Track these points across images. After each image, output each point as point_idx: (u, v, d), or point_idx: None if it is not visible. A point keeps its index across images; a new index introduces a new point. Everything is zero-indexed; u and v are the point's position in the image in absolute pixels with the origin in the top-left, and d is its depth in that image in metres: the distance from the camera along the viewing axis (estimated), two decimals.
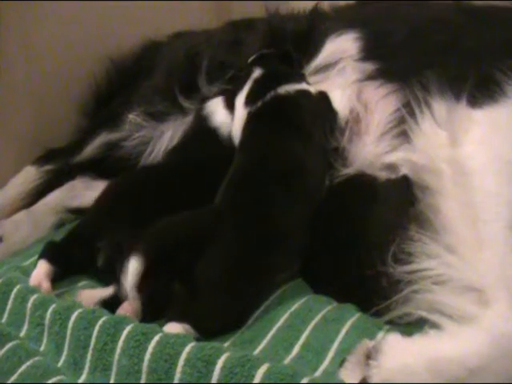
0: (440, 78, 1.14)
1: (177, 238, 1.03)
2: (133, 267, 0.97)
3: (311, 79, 1.36)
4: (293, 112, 1.25)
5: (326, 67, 1.38)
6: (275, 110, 1.25)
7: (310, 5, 1.60)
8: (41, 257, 1.15)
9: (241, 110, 1.28)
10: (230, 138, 1.30)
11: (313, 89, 1.31)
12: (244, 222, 1.05)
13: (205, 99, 1.47)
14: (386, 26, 1.36)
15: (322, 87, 1.33)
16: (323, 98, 1.30)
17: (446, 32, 1.28)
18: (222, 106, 1.35)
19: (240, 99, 1.30)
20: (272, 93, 1.25)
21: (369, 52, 1.33)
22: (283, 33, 1.52)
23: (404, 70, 1.24)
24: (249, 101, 1.28)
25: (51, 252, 1.16)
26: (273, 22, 1.58)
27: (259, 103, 1.26)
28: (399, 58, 1.28)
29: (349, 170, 1.21)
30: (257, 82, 1.31)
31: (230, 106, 1.33)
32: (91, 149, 1.56)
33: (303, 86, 1.29)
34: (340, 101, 1.29)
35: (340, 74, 1.35)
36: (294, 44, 1.45)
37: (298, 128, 1.22)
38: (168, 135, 1.50)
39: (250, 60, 1.38)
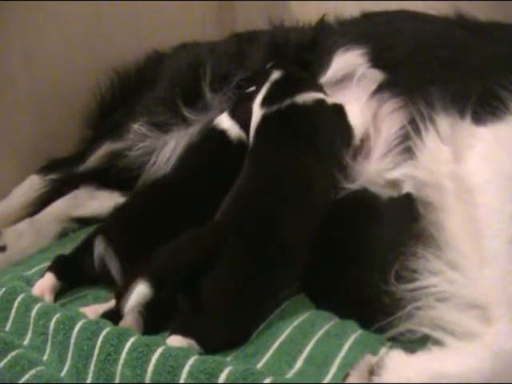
0: (444, 94, 1.15)
1: (182, 259, 1.03)
2: (138, 292, 0.96)
3: None
4: (307, 126, 1.24)
5: (337, 82, 1.38)
6: (289, 121, 1.24)
7: (314, 13, 1.61)
8: (49, 269, 1.16)
9: (257, 111, 1.28)
10: (237, 139, 1.31)
11: (330, 100, 1.30)
12: (248, 240, 1.05)
13: (208, 108, 1.48)
14: (390, 41, 1.37)
15: (338, 99, 1.33)
16: (340, 111, 1.30)
17: (449, 48, 1.28)
18: (228, 116, 1.36)
19: (257, 100, 1.29)
20: (289, 100, 1.25)
21: (375, 68, 1.34)
22: (287, 45, 1.52)
23: (409, 87, 1.25)
24: (265, 102, 1.27)
25: (59, 266, 1.16)
26: (277, 35, 1.59)
27: (275, 107, 1.25)
28: (404, 74, 1.29)
29: (352, 186, 1.21)
30: (275, 84, 1.30)
31: (236, 115, 1.34)
32: (95, 158, 1.56)
33: (321, 95, 1.29)
34: (357, 116, 1.29)
35: (352, 88, 1.35)
36: (297, 57, 1.46)
37: (311, 142, 1.22)
38: (171, 145, 1.51)
39: (269, 65, 1.38)
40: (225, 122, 1.35)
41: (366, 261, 1.06)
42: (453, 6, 1.43)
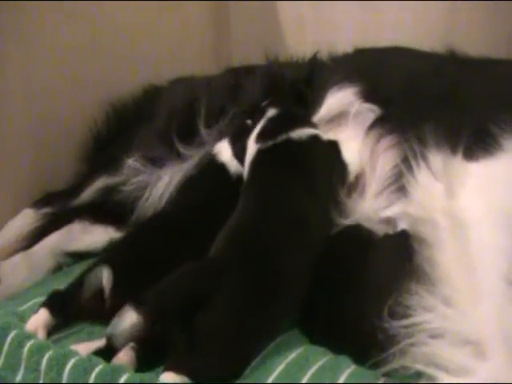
0: (436, 130, 1.16)
1: (178, 293, 1.03)
2: (128, 320, 0.97)
3: None
4: (302, 161, 1.25)
5: (331, 119, 1.40)
6: (285, 155, 1.25)
7: (309, 43, 1.63)
8: (43, 305, 1.15)
9: (252, 146, 1.29)
10: (236, 174, 1.32)
11: (324, 136, 1.31)
12: (245, 276, 1.04)
13: (202, 144, 1.49)
14: (382, 79, 1.39)
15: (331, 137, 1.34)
16: (335, 147, 1.31)
17: (442, 85, 1.30)
18: (227, 145, 1.37)
19: (252, 136, 1.31)
20: (284, 136, 1.26)
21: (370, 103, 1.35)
22: (282, 81, 1.54)
23: (403, 123, 1.26)
24: (260, 138, 1.29)
25: (54, 302, 1.15)
26: (272, 70, 1.61)
27: (270, 143, 1.26)
28: (397, 112, 1.30)
29: (346, 222, 1.22)
30: (270, 121, 1.32)
31: (234, 145, 1.35)
32: (89, 193, 1.57)
33: (315, 131, 1.30)
34: (354, 153, 1.30)
35: (348, 126, 1.36)
36: (293, 92, 1.48)
37: (306, 177, 1.22)
38: (165, 181, 1.52)
39: (265, 102, 1.39)
40: (224, 153, 1.36)
41: (360, 297, 1.06)
42: (443, 38, 1.45)
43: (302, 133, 1.27)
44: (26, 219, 1.56)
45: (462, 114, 1.19)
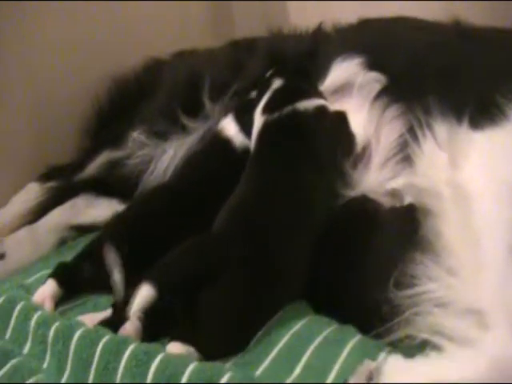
0: (442, 100, 1.15)
1: (185, 267, 1.04)
2: (143, 295, 0.97)
3: None
4: (309, 132, 1.24)
5: (336, 91, 1.39)
6: (291, 127, 1.24)
7: (311, 16, 1.61)
8: (50, 276, 1.16)
9: (258, 118, 1.29)
10: (242, 148, 1.32)
11: (331, 106, 1.31)
12: (248, 252, 1.04)
13: (207, 118, 1.49)
14: (387, 50, 1.37)
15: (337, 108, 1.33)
16: (342, 118, 1.30)
17: (447, 55, 1.29)
18: (232, 120, 1.36)
19: (259, 108, 1.30)
20: (290, 107, 1.25)
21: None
22: (285, 54, 1.53)
23: (408, 94, 1.25)
24: (267, 109, 1.28)
25: (61, 273, 1.17)
26: (275, 43, 1.59)
27: (276, 114, 1.26)
28: (402, 83, 1.29)
29: (351, 193, 1.21)
30: (277, 92, 1.31)
31: (240, 119, 1.35)
32: (94, 167, 1.57)
33: (322, 101, 1.29)
34: (359, 124, 1.29)
35: (353, 97, 1.35)
36: (297, 65, 1.47)
37: (312, 148, 1.21)
38: (170, 154, 1.51)
39: (269, 73, 1.39)
40: (229, 128, 1.35)
41: (365, 268, 1.06)
42: (448, 8, 1.43)
43: (308, 104, 1.26)
44: (31, 194, 1.56)
45: (468, 83, 1.18)
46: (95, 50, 1.73)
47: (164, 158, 1.51)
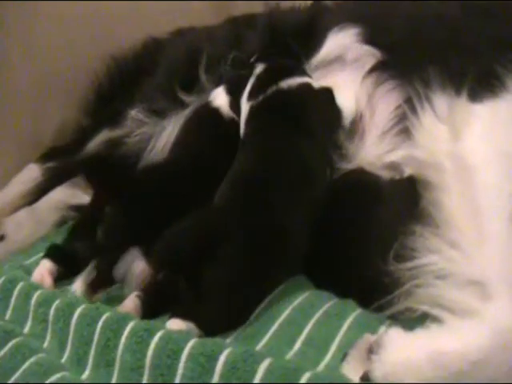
0: (441, 73, 1.14)
1: (183, 245, 1.03)
2: (139, 268, 0.97)
3: (314, 74, 1.36)
4: (294, 107, 1.24)
5: (328, 62, 1.38)
6: (276, 104, 1.25)
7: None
8: (44, 256, 1.16)
9: (244, 105, 1.29)
10: (231, 117, 1.32)
11: (316, 83, 1.30)
12: (248, 226, 1.04)
13: (203, 91, 1.48)
14: (386, 21, 1.36)
15: (326, 82, 1.32)
16: (327, 93, 1.30)
17: (446, 27, 1.28)
18: (223, 91, 1.36)
19: (244, 95, 1.30)
20: (274, 87, 1.25)
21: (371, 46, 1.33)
22: (284, 28, 1.52)
23: (405, 66, 1.24)
24: (251, 95, 1.28)
25: (54, 251, 1.17)
26: (273, 17, 1.58)
27: (260, 97, 1.26)
28: (400, 54, 1.28)
29: (349, 166, 1.21)
30: (259, 77, 1.31)
31: (232, 92, 1.34)
32: (93, 146, 1.56)
33: (306, 79, 1.29)
34: (349, 98, 1.28)
35: (346, 69, 1.34)
36: (295, 39, 1.45)
37: (301, 124, 1.21)
38: (169, 131, 1.50)
39: (252, 58, 1.38)
40: (219, 98, 1.35)
41: (365, 241, 1.06)
42: None
43: (291, 82, 1.26)
44: (31, 175, 1.56)
45: (467, 55, 1.17)
46: (94, 28, 1.73)
47: (163, 135, 1.51)
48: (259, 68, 1.32)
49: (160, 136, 1.51)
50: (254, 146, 1.21)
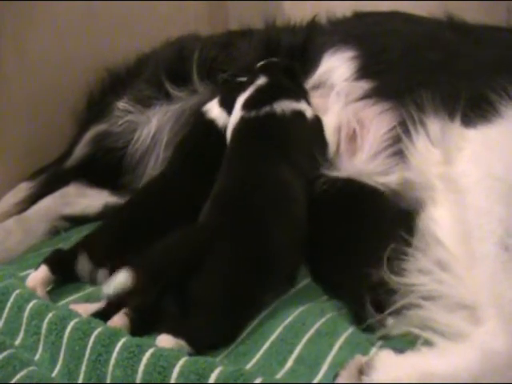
0: (434, 96, 1.16)
1: (169, 261, 1.04)
2: (122, 280, 0.97)
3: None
4: (280, 138, 1.25)
5: (322, 85, 1.39)
6: (264, 131, 1.26)
7: (307, 12, 1.62)
8: (43, 262, 1.15)
9: (237, 112, 1.30)
10: (225, 127, 1.33)
11: (310, 111, 1.32)
12: (234, 242, 1.05)
13: (193, 90, 1.50)
14: (380, 43, 1.38)
15: (318, 104, 1.34)
16: (317, 123, 1.32)
17: (440, 50, 1.29)
18: (217, 104, 1.37)
19: (240, 101, 1.31)
20: (268, 108, 1.26)
21: (364, 71, 1.35)
22: (278, 44, 1.53)
23: (398, 89, 1.26)
24: (246, 106, 1.29)
25: (55, 260, 1.16)
26: (269, 34, 1.59)
27: (253, 113, 1.27)
28: (394, 77, 1.30)
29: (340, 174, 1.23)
30: (259, 90, 1.32)
31: (225, 104, 1.35)
32: (81, 147, 1.56)
33: (301, 105, 1.30)
34: (332, 125, 1.31)
35: (336, 93, 1.36)
36: (288, 57, 1.47)
37: (284, 151, 1.22)
38: (154, 121, 1.52)
39: (257, 65, 1.39)
40: (213, 110, 1.36)
41: (362, 251, 1.08)
42: (442, 6, 1.44)
43: (285, 106, 1.27)
44: (21, 188, 1.55)
45: (460, 80, 1.19)
46: (90, 40, 1.73)
47: (149, 125, 1.51)
48: (261, 80, 1.33)
49: (146, 126, 1.51)
50: (237, 164, 1.23)
